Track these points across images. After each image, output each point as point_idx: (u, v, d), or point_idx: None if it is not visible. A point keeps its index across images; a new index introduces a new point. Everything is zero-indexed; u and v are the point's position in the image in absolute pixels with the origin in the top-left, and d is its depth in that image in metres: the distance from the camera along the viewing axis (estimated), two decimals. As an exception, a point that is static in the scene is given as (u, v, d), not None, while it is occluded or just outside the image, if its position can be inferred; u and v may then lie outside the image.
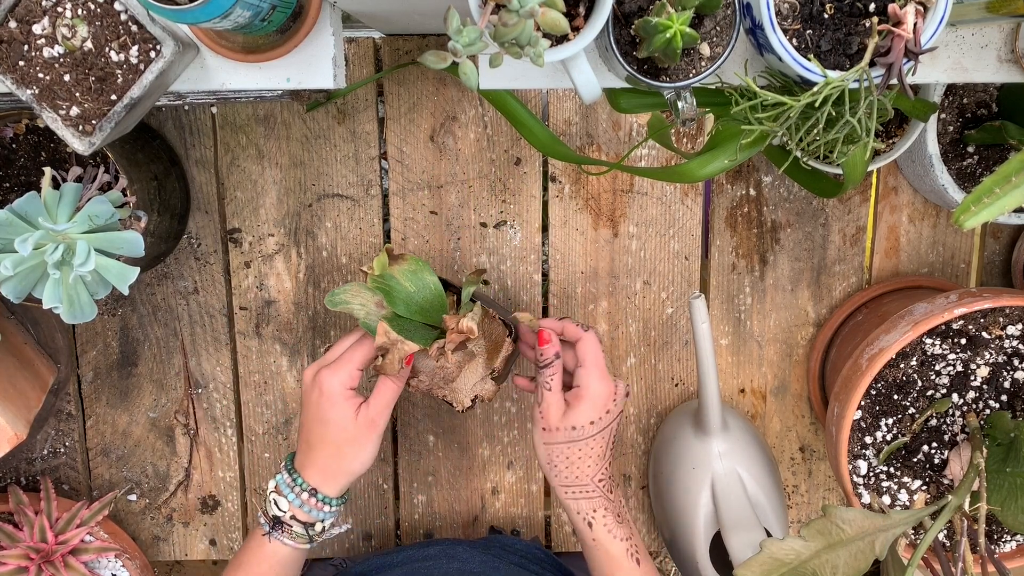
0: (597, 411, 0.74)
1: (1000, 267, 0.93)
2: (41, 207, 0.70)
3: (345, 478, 0.75)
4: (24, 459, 0.94)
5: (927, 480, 0.79)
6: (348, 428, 0.74)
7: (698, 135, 0.90)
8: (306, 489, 0.74)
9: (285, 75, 0.68)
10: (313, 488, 0.74)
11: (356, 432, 0.74)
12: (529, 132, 0.77)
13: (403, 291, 0.75)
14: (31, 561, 0.85)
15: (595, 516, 0.75)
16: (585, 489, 0.75)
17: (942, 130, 0.83)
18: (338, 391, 0.74)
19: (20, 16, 0.61)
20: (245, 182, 0.90)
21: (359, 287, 0.75)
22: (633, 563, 0.74)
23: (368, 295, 0.75)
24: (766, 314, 0.93)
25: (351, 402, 0.74)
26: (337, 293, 0.75)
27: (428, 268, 0.76)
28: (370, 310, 0.75)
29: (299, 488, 0.74)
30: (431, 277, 0.76)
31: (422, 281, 0.76)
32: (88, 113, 0.62)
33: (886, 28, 0.54)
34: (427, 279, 0.76)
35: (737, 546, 0.81)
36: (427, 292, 0.76)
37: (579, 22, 0.56)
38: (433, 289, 0.76)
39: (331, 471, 0.74)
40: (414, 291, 0.75)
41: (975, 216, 0.51)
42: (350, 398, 0.74)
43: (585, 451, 0.75)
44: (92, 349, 0.93)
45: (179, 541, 0.97)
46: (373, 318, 0.75)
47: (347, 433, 0.74)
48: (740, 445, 0.85)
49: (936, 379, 0.77)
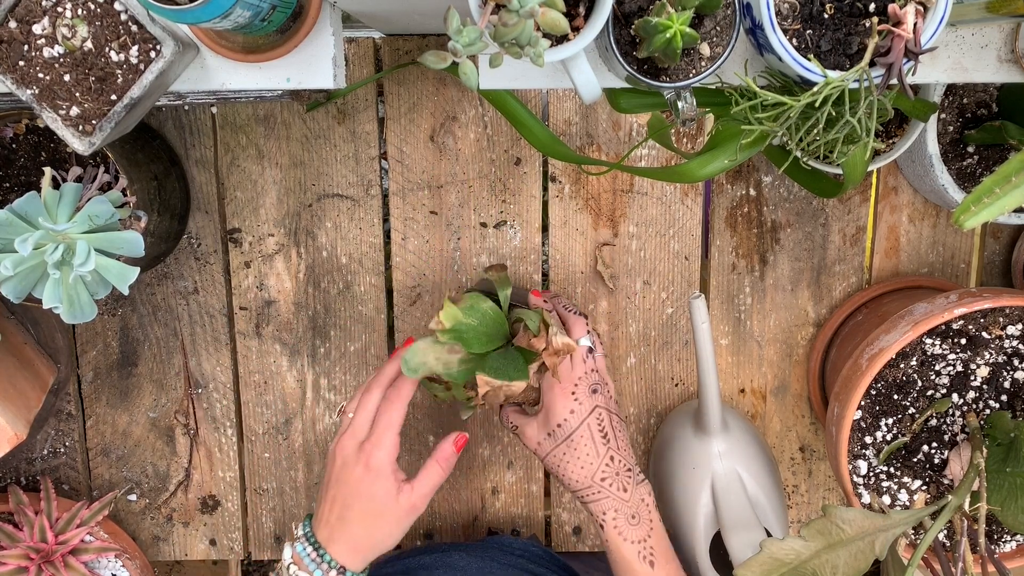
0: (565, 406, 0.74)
1: (1000, 267, 0.93)
2: (41, 207, 0.70)
3: (373, 554, 0.73)
4: (24, 459, 0.94)
5: (927, 480, 0.79)
6: (390, 506, 0.72)
7: (698, 135, 0.90)
8: (335, 567, 0.72)
9: (285, 75, 0.68)
10: (342, 566, 0.72)
11: (398, 512, 0.73)
12: (529, 132, 0.77)
13: (470, 329, 0.74)
14: (31, 561, 0.85)
15: (605, 518, 0.74)
16: (590, 491, 0.75)
17: (942, 130, 0.83)
18: (387, 467, 0.72)
19: (20, 16, 0.61)
20: (245, 182, 0.90)
21: (427, 344, 0.73)
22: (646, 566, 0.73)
23: (439, 348, 0.73)
24: (766, 314, 0.93)
25: (396, 477, 0.73)
26: (410, 360, 0.72)
27: (480, 296, 0.75)
28: (447, 360, 0.73)
29: (327, 565, 0.72)
30: (485, 304, 0.75)
31: (480, 312, 0.74)
32: (88, 113, 0.62)
33: (886, 28, 0.54)
34: (483, 307, 0.74)
35: (737, 546, 0.81)
36: (487, 319, 0.75)
37: (579, 22, 0.56)
38: (492, 314, 0.75)
39: (363, 547, 0.73)
40: (477, 324, 0.74)
41: (975, 216, 0.51)
42: (396, 472, 0.73)
43: (570, 453, 0.74)
44: (92, 349, 0.93)
45: (179, 541, 0.97)
46: (453, 368, 0.73)
47: (389, 511, 0.72)
48: (740, 445, 0.85)
49: (936, 379, 0.77)
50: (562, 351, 0.72)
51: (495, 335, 0.75)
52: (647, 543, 0.74)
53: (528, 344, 0.74)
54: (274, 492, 0.96)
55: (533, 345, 0.73)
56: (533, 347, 0.73)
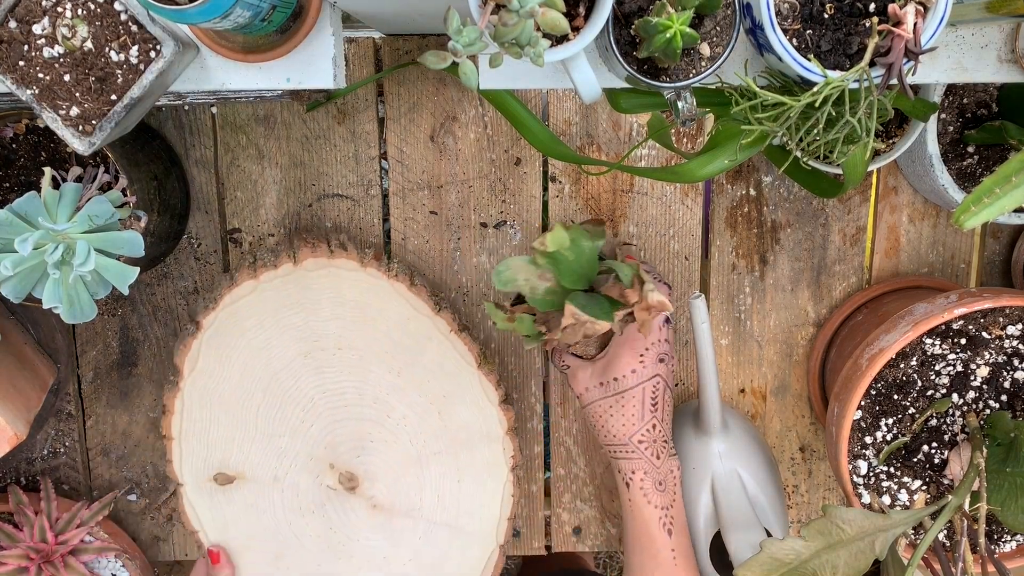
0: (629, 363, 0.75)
1: (1000, 267, 0.93)
2: (41, 207, 0.70)
3: None
4: (24, 459, 0.94)
5: (927, 480, 0.79)
6: None
7: (698, 135, 0.90)
8: None
9: (285, 75, 0.68)
10: None
11: None
12: (529, 132, 0.77)
13: (566, 261, 0.74)
14: (31, 561, 0.85)
15: (633, 477, 0.74)
16: (625, 448, 0.74)
17: (942, 130, 0.83)
18: None
19: (20, 16, 0.61)
20: (245, 182, 0.90)
21: (522, 263, 0.74)
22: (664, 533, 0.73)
23: (531, 270, 0.74)
24: (766, 314, 0.93)
25: None
26: (503, 273, 0.74)
27: (585, 233, 0.75)
28: (534, 284, 0.74)
29: None
30: (588, 243, 0.75)
31: (580, 249, 0.74)
32: (88, 113, 0.62)
33: (886, 28, 0.54)
34: (584, 245, 0.74)
35: (737, 546, 0.81)
36: (583, 259, 0.75)
37: (579, 22, 0.56)
38: (588, 255, 0.75)
39: None
40: (573, 259, 0.74)
41: (975, 216, 0.52)
42: None
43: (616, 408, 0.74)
44: (92, 349, 0.93)
45: (179, 541, 0.97)
46: (538, 293, 0.74)
47: None
48: (740, 445, 0.85)
49: (936, 379, 0.77)
50: (655, 308, 0.72)
51: (585, 276, 0.76)
52: (669, 511, 0.74)
53: (620, 294, 0.74)
54: (274, 492, 0.96)
55: (626, 296, 0.73)
56: (625, 298, 0.73)
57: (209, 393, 0.84)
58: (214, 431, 0.85)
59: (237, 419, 0.85)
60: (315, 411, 0.85)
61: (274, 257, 0.83)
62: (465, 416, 0.85)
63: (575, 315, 0.71)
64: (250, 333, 0.83)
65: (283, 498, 0.86)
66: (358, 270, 0.82)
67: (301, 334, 0.83)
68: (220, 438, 0.85)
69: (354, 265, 0.82)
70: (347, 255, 0.82)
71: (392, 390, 0.84)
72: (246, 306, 0.82)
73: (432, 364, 0.84)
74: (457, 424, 0.85)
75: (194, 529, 0.86)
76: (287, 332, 0.83)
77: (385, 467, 0.86)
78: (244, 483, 0.85)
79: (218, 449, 0.85)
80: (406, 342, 0.84)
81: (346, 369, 0.84)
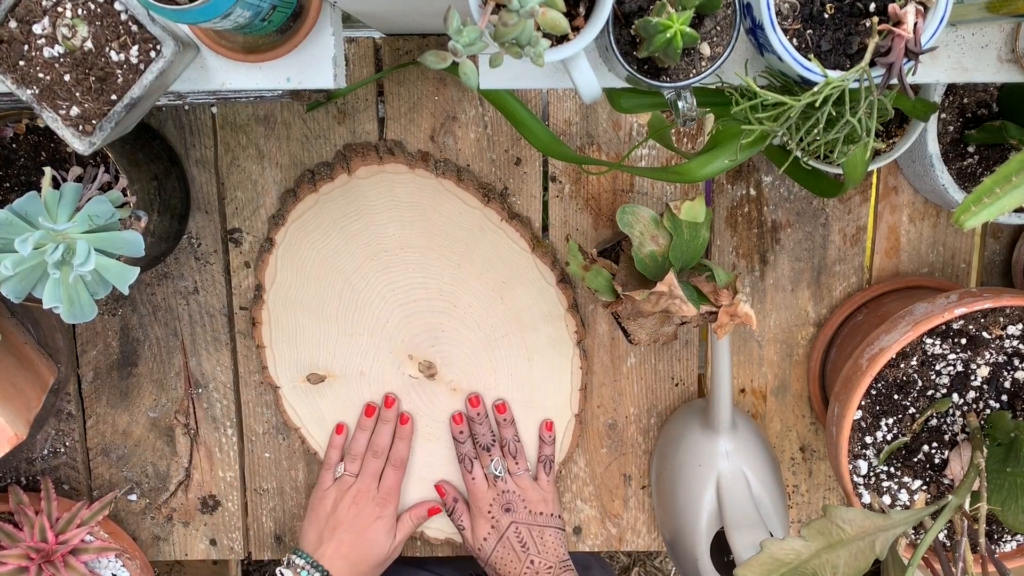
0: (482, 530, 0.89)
1: (1000, 267, 0.93)
2: (41, 207, 0.70)
3: None
4: (24, 459, 0.94)
5: (927, 480, 0.79)
6: None
7: (698, 135, 0.90)
8: None
9: (285, 75, 0.68)
10: None
11: None
12: (529, 132, 0.77)
13: (682, 238, 0.74)
14: (31, 561, 0.85)
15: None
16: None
17: (942, 130, 0.83)
18: None
19: (20, 16, 0.61)
20: (245, 182, 0.90)
21: (647, 217, 0.74)
22: None
23: (651, 227, 0.74)
24: (766, 314, 0.93)
25: None
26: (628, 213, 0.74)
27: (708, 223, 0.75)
28: (644, 242, 0.75)
29: None
30: (705, 232, 0.75)
31: (696, 232, 0.75)
32: (88, 113, 0.62)
33: (886, 28, 0.54)
34: (703, 233, 0.75)
35: (740, 545, 0.81)
36: (696, 244, 0.75)
37: (579, 22, 0.56)
38: (701, 244, 0.76)
39: None
40: (689, 239, 0.75)
41: (975, 216, 0.51)
42: None
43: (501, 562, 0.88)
44: (92, 349, 0.93)
45: (179, 541, 0.97)
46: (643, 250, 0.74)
47: None
48: (747, 444, 0.86)
49: (936, 379, 0.77)
50: (741, 317, 0.73)
51: (688, 260, 0.76)
52: None
53: (712, 291, 0.75)
54: (274, 492, 0.96)
55: (718, 295, 0.74)
56: (717, 297, 0.74)
57: (291, 302, 0.90)
58: (300, 336, 0.91)
59: (319, 323, 0.90)
60: (387, 309, 0.90)
61: (329, 170, 0.87)
62: (526, 298, 0.89)
63: (672, 287, 0.72)
64: (319, 243, 0.88)
65: (371, 390, 0.92)
66: (407, 172, 0.87)
67: (365, 239, 0.89)
68: (307, 341, 0.91)
69: (403, 168, 0.87)
70: (396, 159, 0.87)
71: (455, 281, 0.89)
72: (311, 218, 0.87)
73: (488, 252, 0.88)
74: (519, 306, 0.90)
75: (296, 426, 0.93)
76: (352, 239, 0.88)
77: (459, 353, 0.91)
78: (334, 380, 0.92)
79: (306, 352, 0.91)
80: (461, 235, 0.88)
81: (410, 267, 0.89)
